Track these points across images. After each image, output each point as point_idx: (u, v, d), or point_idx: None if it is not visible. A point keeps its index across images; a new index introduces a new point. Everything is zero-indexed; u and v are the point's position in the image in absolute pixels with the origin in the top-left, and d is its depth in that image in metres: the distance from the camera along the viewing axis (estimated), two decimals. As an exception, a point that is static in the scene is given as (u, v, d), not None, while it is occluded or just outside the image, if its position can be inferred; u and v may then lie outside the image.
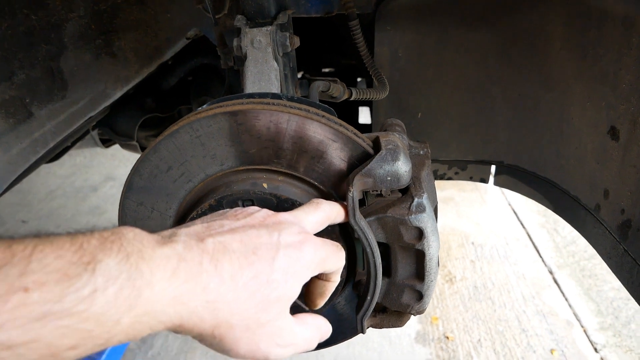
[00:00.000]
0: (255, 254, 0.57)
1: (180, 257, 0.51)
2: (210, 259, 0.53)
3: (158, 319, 0.49)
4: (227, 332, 0.55)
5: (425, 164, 0.86)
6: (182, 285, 0.50)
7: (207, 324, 0.53)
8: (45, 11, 1.24)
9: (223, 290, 0.53)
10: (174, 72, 1.90)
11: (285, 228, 0.62)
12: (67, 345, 0.44)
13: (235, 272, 0.54)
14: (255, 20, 1.04)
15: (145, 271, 0.47)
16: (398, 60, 1.41)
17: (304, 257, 0.61)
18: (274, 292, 0.57)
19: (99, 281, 0.44)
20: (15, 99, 1.22)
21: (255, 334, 0.57)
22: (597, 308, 3.19)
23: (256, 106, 0.78)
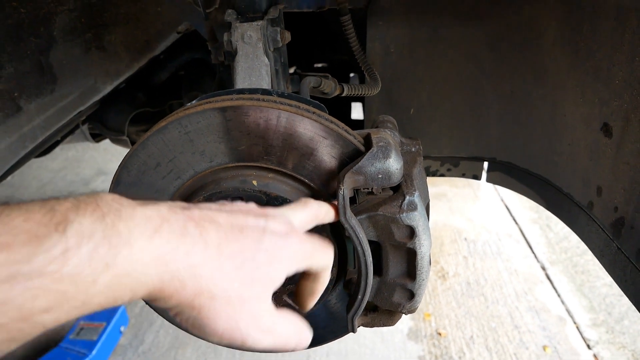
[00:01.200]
0: (241, 232, 0.55)
1: (163, 217, 0.49)
2: (195, 225, 0.51)
3: (139, 279, 0.46)
4: (208, 303, 0.52)
5: (417, 161, 0.85)
6: (164, 245, 0.48)
7: (189, 290, 0.50)
8: (34, 4, 1.21)
9: (207, 256, 0.51)
10: (165, 66, 1.88)
11: (271, 218, 0.61)
12: (40, 307, 0.42)
13: (221, 241, 0.53)
14: (246, 14, 1.03)
15: (122, 230, 0.45)
16: (390, 56, 1.40)
17: (290, 246, 0.60)
18: (258, 270, 0.55)
19: (71, 241, 0.42)
20: (3, 92, 1.20)
21: (236, 311, 0.54)
22: (589, 304, 3.21)
23: (246, 102, 0.77)
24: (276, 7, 1.04)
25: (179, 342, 2.96)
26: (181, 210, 0.52)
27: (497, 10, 1.26)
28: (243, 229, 0.56)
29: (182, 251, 0.49)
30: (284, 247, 0.59)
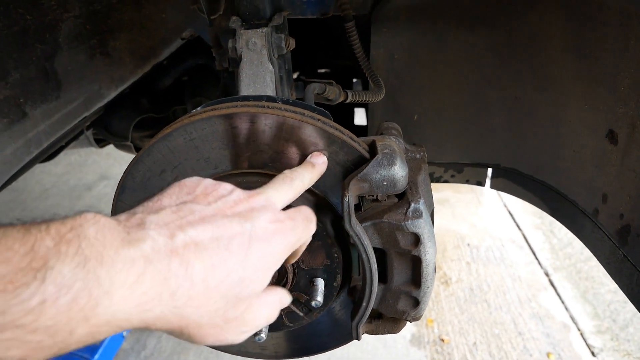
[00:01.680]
0: (227, 250, 0.54)
1: (147, 259, 0.47)
2: (180, 262, 0.50)
3: (120, 326, 0.46)
4: (195, 331, 0.53)
5: (421, 168, 0.85)
6: (147, 292, 0.47)
7: (174, 325, 0.51)
8: (40, 11, 1.22)
9: (193, 294, 0.50)
10: (169, 72, 1.89)
11: (257, 217, 0.59)
12: (15, 356, 0.41)
13: (207, 273, 0.52)
14: (250, 21, 1.03)
15: (104, 278, 0.43)
16: (394, 62, 1.40)
17: (275, 250, 0.59)
18: (245, 289, 0.56)
19: (49, 290, 0.40)
20: (9, 99, 1.20)
21: (223, 329, 0.56)
22: (594, 311, 3.19)
23: (251, 109, 0.77)
24: (280, 14, 1.04)
25: (180, 347, 2.96)
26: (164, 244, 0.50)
27: (501, 17, 1.26)
28: (229, 245, 0.54)
29: (166, 295, 0.48)
30: (271, 254, 0.59)
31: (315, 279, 0.83)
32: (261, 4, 1.01)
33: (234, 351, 1.01)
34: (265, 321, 0.62)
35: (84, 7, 1.35)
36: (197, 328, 0.53)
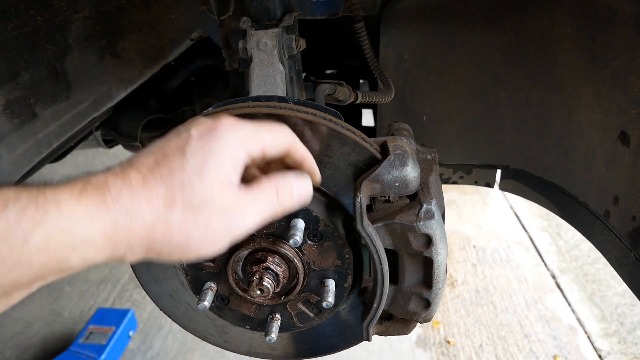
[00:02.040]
0: (165, 157, 0.54)
1: (85, 180, 0.51)
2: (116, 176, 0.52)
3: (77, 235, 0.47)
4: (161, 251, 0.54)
5: (433, 169, 0.85)
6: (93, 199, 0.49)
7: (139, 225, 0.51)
8: (50, 12, 1.23)
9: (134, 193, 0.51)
10: (178, 73, 1.89)
11: (197, 123, 0.58)
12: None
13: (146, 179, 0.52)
14: (260, 22, 1.03)
15: (48, 193, 0.47)
16: (403, 62, 1.40)
17: (221, 135, 0.57)
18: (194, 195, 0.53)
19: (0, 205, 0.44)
20: (20, 99, 1.21)
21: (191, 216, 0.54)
22: (601, 314, 3.17)
23: (262, 109, 0.77)
24: (291, 14, 1.04)
25: (187, 347, 2.96)
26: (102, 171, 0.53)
27: (511, 18, 1.26)
28: (166, 154, 0.54)
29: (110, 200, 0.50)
30: (215, 140, 0.56)
31: (326, 280, 0.83)
32: (272, 4, 1.02)
33: (244, 351, 1.02)
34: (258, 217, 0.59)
35: (94, 8, 1.35)
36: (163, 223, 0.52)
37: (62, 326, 3.11)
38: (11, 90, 1.20)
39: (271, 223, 0.80)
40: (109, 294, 3.39)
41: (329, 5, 1.26)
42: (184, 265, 0.85)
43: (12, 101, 1.21)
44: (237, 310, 0.90)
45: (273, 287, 0.80)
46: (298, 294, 0.85)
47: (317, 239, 0.80)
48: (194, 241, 0.54)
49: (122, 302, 3.31)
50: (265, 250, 0.81)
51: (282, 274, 0.81)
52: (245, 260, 0.83)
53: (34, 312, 3.11)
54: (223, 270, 0.84)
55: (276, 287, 0.81)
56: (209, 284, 0.86)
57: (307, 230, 0.79)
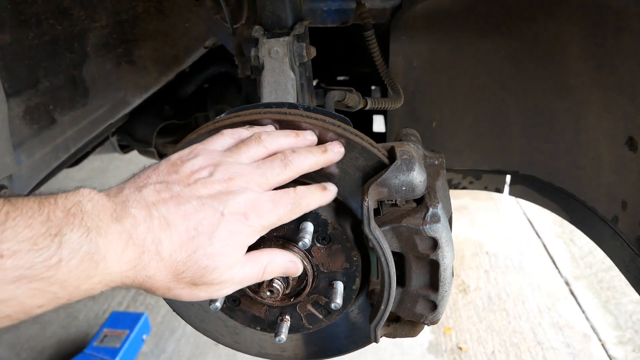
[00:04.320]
0: (195, 230, 0.62)
1: (128, 234, 0.59)
2: (152, 239, 0.60)
3: (109, 284, 0.59)
4: (167, 292, 0.64)
5: (440, 174, 0.87)
6: (129, 262, 0.59)
7: (147, 286, 0.63)
8: (69, 21, 1.27)
9: (161, 267, 0.61)
10: (191, 80, 1.93)
11: (232, 199, 0.65)
12: (36, 304, 0.53)
13: (173, 250, 0.61)
14: (272, 30, 1.06)
15: (101, 246, 0.56)
16: (413, 69, 1.42)
17: (247, 228, 0.66)
18: (212, 262, 0.64)
19: (64, 253, 0.52)
20: (39, 105, 1.25)
21: (193, 290, 0.65)
22: (615, 321, 3.13)
23: (273, 116, 0.79)
24: (302, 23, 1.07)
25: (199, 351, 2.99)
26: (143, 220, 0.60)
27: (520, 25, 1.27)
28: (198, 225, 0.63)
29: (140, 267, 0.60)
30: (241, 232, 0.65)
31: (334, 282, 0.85)
32: (283, 13, 1.04)
33: (255, 352, 1.03)
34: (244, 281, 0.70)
35: (111, 17, 1.39)
36: (166, 291, 0.64)
37: (77, 329, 3.17)
38: (31, 97, 1.25)
39: (281, 226, 0.82)
40: (123, 298, 3.43)
41: (340, 13, 1.29)
42: None
43: (32, 107, 1.25)
44: (247, 312, 0.92)
45: (282, 289, 0.82)
46: (307, 295, 0.86)
47: (325, 242, 0.82)
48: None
49: (136, 306, 3.35)
50: (275, 253, 0.83)
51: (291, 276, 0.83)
52: (255, 262, 0.85)
53: (49, 315, 3.16)
54: (234, 272, 0.86)
55: (286, 288, 0.83)
56: (220, 286, 0.88)
57: (316, 233, 0.81)
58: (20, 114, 1.21)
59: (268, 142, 0.73)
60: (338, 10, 1.29)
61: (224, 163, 0.68)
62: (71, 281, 0.53)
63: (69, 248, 0.53)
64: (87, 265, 0.54)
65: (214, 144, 0.73)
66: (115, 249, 0.57)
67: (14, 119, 1.18)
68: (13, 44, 1.16)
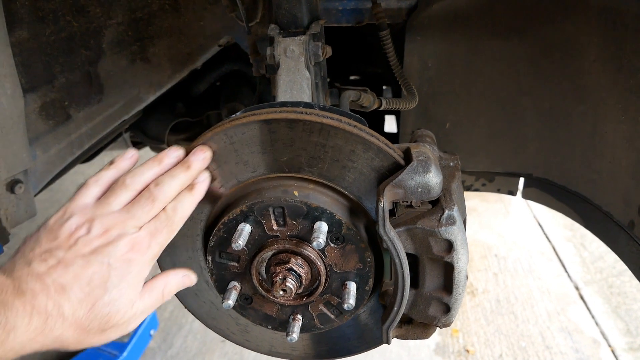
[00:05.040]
0: (89, 285, 0.69)
1: (32, 305, 0.65)
2: (53, 304, 0.66)
3: (19, 352, 0.65)
4: (78, 345, 0.70)
5: (455, 175, 0.86)
6: (36, 329, 0.65)
7: (58, 345, 0.69)
8: (86, 18, 1.28)
9: (67, 326, 0.68)
10: (204, 78, 1.94)
11: (113, 248, 0.71)
12: None
13: (74, 309, 0.68)
14: (288, 29, 1.06)
15: (10, 318, 0.63)
16: (427, 70, 1.41)
17: (137, 267, 0.72)
18: (114, 307, 0.71)
19: None
20: (55, 101, 1.26)
21: (104, 335, 0.72)
22: (626, 327, 3.10)
23: (289, 115, 0.79)
24: (318, 22, 1.06)
25: (206, 348, 3.00)
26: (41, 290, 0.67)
27: (537, 27, 1.26)
28: (90, 281, 0.69)
29: (47, 330, 0.66)
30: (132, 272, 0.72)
31: (347, 282, 0.85)
32: (299, 12, 1.04)
33: (265, 351, 1.04)
34: (147, 312, 0.76)
35: (127, 14, 1.40)
36: (78, 344, 0.70)
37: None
38: (47, 93, 1.26)
39: (295, 225, 0.82)
40: (132, 293, 3.45)
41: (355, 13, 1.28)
42: (209, 264, 0.88)
43: (48, 103, 1.26)
44: (259, 310, 0.92)
45: (295, 288, 0.82)
46: (320, 295, 0.86)
47: (339, 242, 0.82)
48: None
49: (145, 301, 3.37)
50: (288, 252, 0.83)
51: (304, 276, 0.83)
52: (269, 261, 0.85)
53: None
54: (247, 270, 0.87)
55: (298, 288, 0.83)
56: (233, 284, 0.88)
57: (330, 233, 0.81)
58: (36, 109, 1.23)
59: (133, 183, 0.77)
60: (353, 9, 1.29)
61: (97, 217, 0.73)
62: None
63: None
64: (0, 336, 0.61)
65: (84, 197, 0.77)
66: (23, 319, 0.64)
67: (30, 114, 1.19)
68: (30, 40, 1.17)
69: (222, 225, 0.83)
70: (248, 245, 0.84)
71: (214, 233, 0.84)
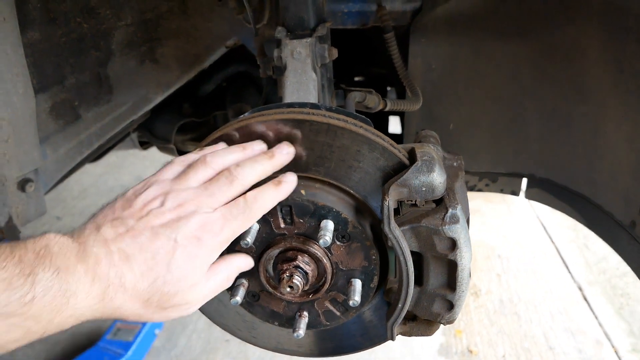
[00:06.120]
0: (153, 259, 0.67)
1: (94, 271, 0.64)
2: (115, 272, 0.65)
3: (79, 318, 0.64)
4: (136, 317, 0.69)
5: (458, 175, 0.88)
6: (96, 296, 0.64)
7: (118, 315, 0.68)
8: (96, 20, 1.30)
9: (127, 297, 0.67)
10: (211, 78, 1.96)
11: (183, 225, 0.69)
12: (12, 338, 0.58)
13: (136, 281, 0.66)
14: (295, 31, 1.07)
15: (71, 283, 0.61)
16: (431, 72, 1.43)
17: (206, 247, 0.70)
18: (173, 288, 0.69)
19: (37, 290, 0.58)
20: (65, 101, 1.29)
21: (163, 313, 0.70)
22: (629, 328, 3.10)
23: (297, 116, 0.81)
24: (324, 25, 1.08)
25: (210, 347, 3.02)
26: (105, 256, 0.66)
27: (539, 29, 1.27)
28: (155, 255, 0.67)
29: (107, 299, 0.65)
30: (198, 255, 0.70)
31: (353, 280, 0.87)
32: (306, 14, 1.06)
33: (271, 347, 1.05)
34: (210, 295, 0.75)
35: (136, 16, 1.42)
36: (138, 317, 0.69)
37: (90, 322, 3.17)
38: (57, 93, 1.28)
39: (302, 223, 0.84)
40: (137, 292, 3.47)
41: (360, 15, 1.30)
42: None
43: (58, 103, 1.28)
44: (266, 307, 0.94)
45: (302, 285, 0.84)
46: (326, 292, 0.88)
47: (345, 240, 0.84)
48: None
49: (149, 300, 3.39)
50: (295, 250, 0.85)
51: (311, 273, 0.85)
52: (276, 259, 0.87)
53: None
54: (255, 267, 0.88)
55: (305, 285, 0.85)
56: (240, 280, 0.90)
57: (336, 232, 0.82)
58: (46, 109, 1.25)
59: (214, 162, 0.76)
60: (359, 12, 1.31)
61: (173, 191, 0.72)
62: (44, 316, 0.59)
63: (42, 286, 0.58)
64: (59, 301, 0.60)
65: (165, 173, 0.77)
66: (84, 285, 0.63)
67: (40, 114, 1.22)
68: (42, 41, 1.19)
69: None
70: (256, 243, 0.85)
71: None
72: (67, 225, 4.03)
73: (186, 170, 0.76)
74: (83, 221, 0.72)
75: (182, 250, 0.68)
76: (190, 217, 0.69)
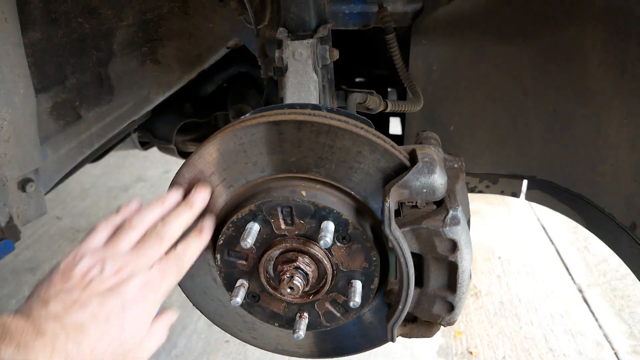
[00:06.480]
0: (106, 323, 0.71)
1: (52, 345, 0.66)
2: (72, 343, 0.68)
3: None
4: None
5: (459, 177, 0.88)
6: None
7: None
8: (97, 20, 1.30)
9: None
10: (212, 79, 1.96)
11: (126, 287, 0.74)
12: None
13: (93, 347, 0.69)
14: (296, 32, 1.07)
15: (32, 357, 0.63)
16: (432, 73, 1.43)
17: (149, 304, 0.76)
18: (128, 345, 0.73)
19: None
20: (66, 102, 1.28)
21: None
22: (629, 330, 3.09)
23: (298, 117, 0.81)
24: (325, 26, 1.08)
25: (210, 348, 3.01)
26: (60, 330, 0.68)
27: (541, 30, 1.27)
28: (107, 319, 0.71)
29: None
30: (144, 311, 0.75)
31: (353, 281, 0.87)
32: (307, 16, 1.06)
33: (271, 348, 1.05)
34: (154, 349, 0.80)
35: (137, 16, 1.42)
36: None
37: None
38: (58, 93, 1.28)
39: (302, 224, 0.84)
40: (137, 292, 3.46)
41: (361, 16, 1.30)
42: (218, 262, 0.90)
43: (59, 103, 1.28)
44: (266, 308, 0.94)
45: (302, 286, 0.84)
46: (326, 293, 0.88)
47: (346, 241, 0.84)
48: None
49: (149, 301, 3.38)
50: (296, 251, 0.85)
51: (311, 274, 0.85)
52: (276, 260, 0.87)
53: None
54: (255, 268, 0.88)
55: (305, 286, 0.85)
56: (241, 281, 0.90)
57: (336, 233, 0.82)
58: (47, 109, 1.25)
59: (140, 224, 0.82)
60: (360, 13, 1.31)
61: (109, 257, 0.76)
62: None
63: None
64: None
65: (93, 241, 0.80)
66: (44, 358, 0.65)
67: (41, 114, 1.22)
68: (43, 41, 1.19)
69: (231, 224, 0.85)
70: (256, 244, 0.85)
71: (223, 232, 0.86)
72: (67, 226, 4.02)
73: (115, 235, 0.81)
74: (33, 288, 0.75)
75: (131, 310, 0.73)
76: (132, 279, 0.75)
